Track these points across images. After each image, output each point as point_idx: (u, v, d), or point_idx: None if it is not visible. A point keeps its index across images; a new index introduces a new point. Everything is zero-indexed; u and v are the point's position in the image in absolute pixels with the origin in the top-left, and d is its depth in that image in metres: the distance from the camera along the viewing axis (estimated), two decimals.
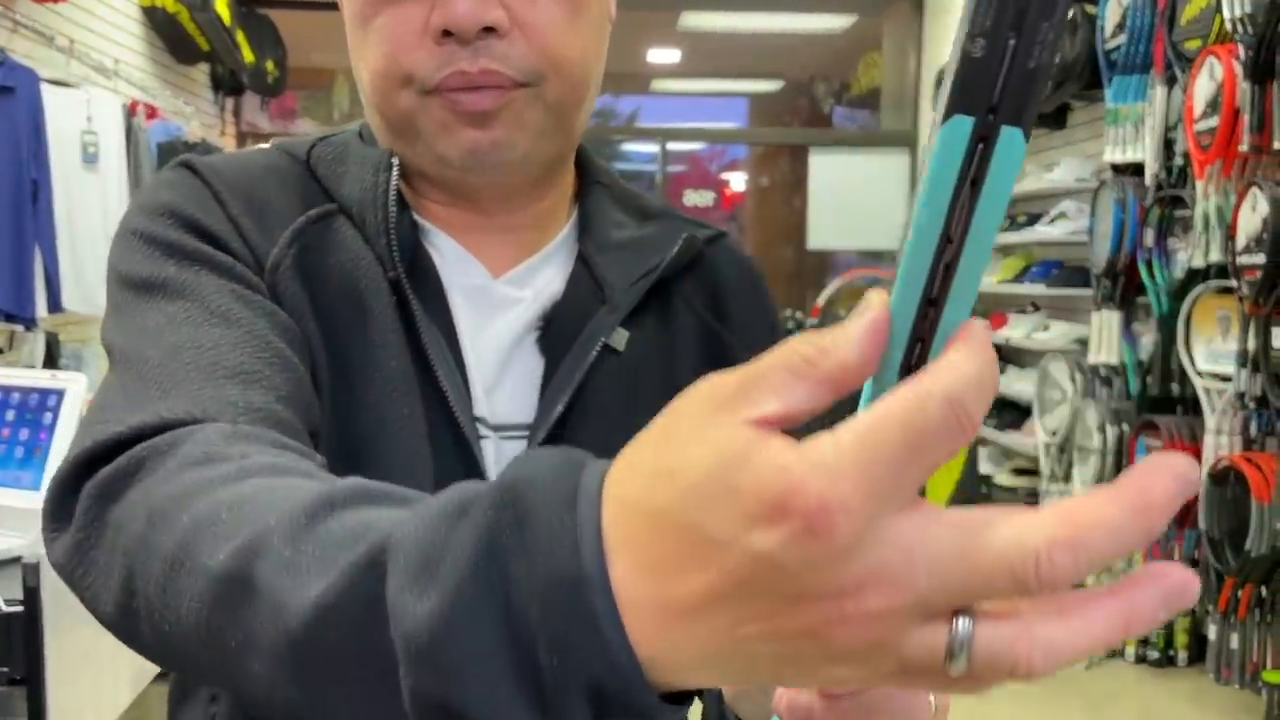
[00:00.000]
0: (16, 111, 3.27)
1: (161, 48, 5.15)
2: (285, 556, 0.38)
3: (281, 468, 0.47)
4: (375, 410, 0.64)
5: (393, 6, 0.63)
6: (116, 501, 0.48)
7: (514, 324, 0.69)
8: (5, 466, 1.56)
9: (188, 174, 0.67)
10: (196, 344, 0.57)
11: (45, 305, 3.39)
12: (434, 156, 0.66)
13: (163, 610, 0.43)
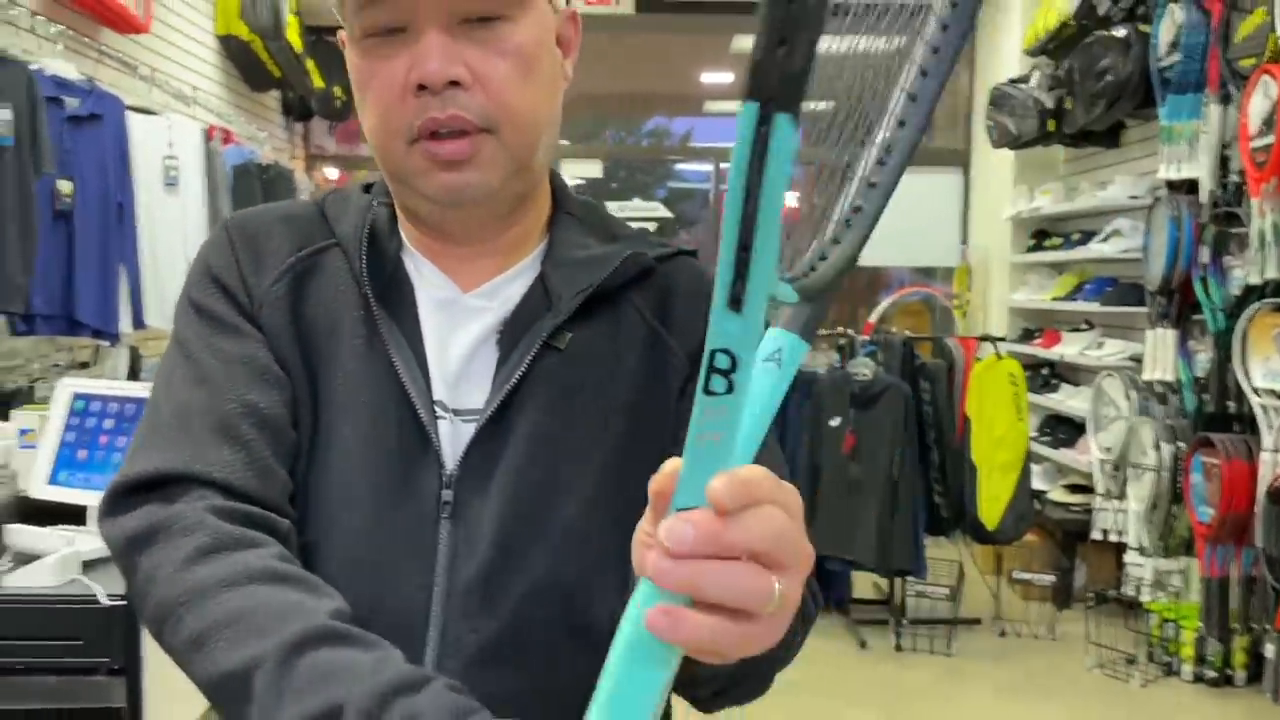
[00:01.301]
0: (104, 137, 3.45)
1: (236, 75, 5.37)
2: (272, 676, 0.63)
3: (276, 575, 0.69)
4: (339, 399, 0.80)
5: (381, 71, 0.77)
6: (143, 553, 0.72)
7: (479, 328, 0.83)
8: (103, 470, 1.68)
9: (222, 234, 0.86)
10: (198, 406, 0.77)
11: (129, 321, 3.56)
12: (420, 195, 0.81)
13: (182, 658, 0.69)
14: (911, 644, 3.99)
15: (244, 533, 0.72)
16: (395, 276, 0.83)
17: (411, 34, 0.76)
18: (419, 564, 0.78)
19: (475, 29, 0.77)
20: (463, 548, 0.78)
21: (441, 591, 0.78)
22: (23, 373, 3.33)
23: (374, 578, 0.77)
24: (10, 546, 1.58)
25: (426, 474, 0.79)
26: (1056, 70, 4.77)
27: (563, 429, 0.81)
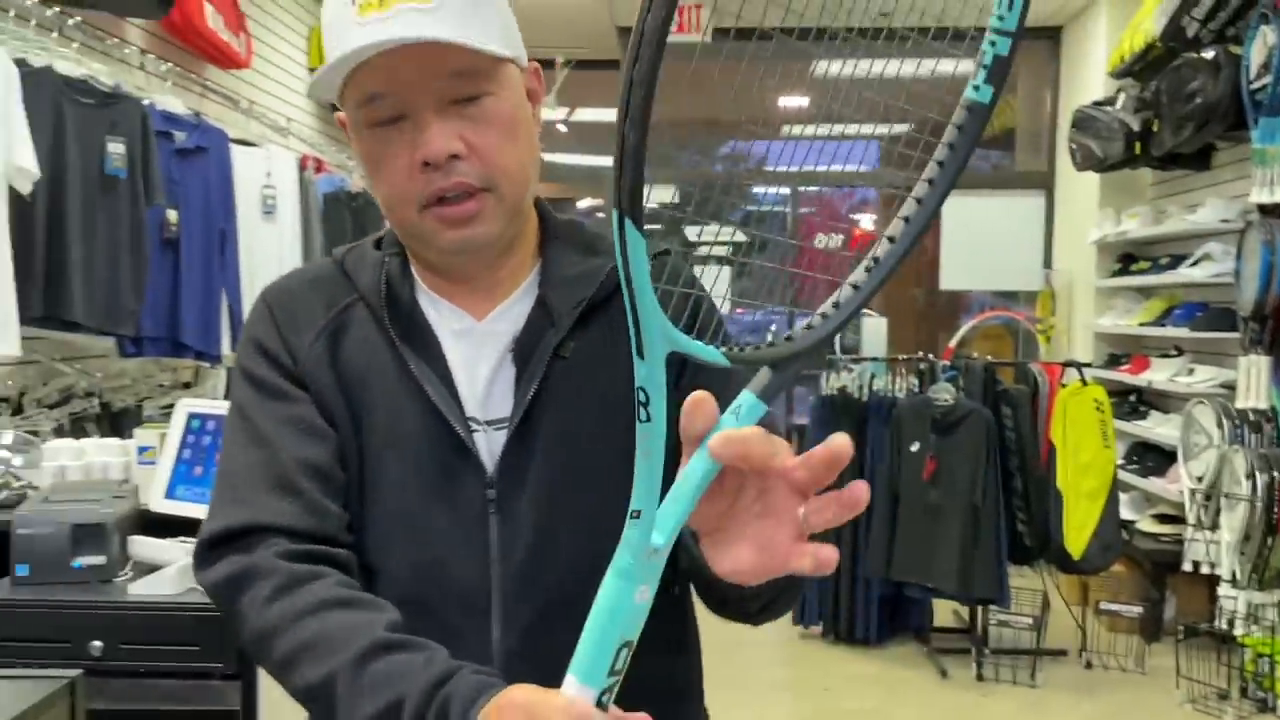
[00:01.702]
0: (208, 169, 3.62)
1: (326, 105, 5.56)
2: (349, 683, 0.80)
3: (341, 601, 0.85)
4: (383, 433, 0.93)
5: (389, 154, 0.90)
6: (242, 593, 0.88)
7: (496, 349, 0.96)
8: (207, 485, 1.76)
9: (261, 306, 1.00)
10: (258, 464, 0.92)
11: (228, 344, 3.71)
12: (435, 250, 0.94)
13: (278, 677, 0.86)
14: (994, 674, 3.93)
15: (309, 569, 0.88)
16: (413, 317, 0.96)
17: (410, 120, 0.89)
18: (476, 555, 0.92)
19: (464, 108, 0.89)
20: (510, 536, 0.92)
21: (498, 575, 0.92)
22: (130, 392, 3.49)
23: (440, 572, 0.92)
24: (133, 557, 1.68)
25: (471, 479, 0.92)
26: (1143, 92, 4.70)
27: (579, 426, 0.93)
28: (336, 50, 0.87)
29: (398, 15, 0.85)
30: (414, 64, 0.86)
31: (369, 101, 0.89)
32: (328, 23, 0.90)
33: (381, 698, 0.79)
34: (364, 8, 0.86)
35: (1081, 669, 4.04)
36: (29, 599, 1.59)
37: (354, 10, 0.86)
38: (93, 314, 2.97)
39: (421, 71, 0.87)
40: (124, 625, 1.55)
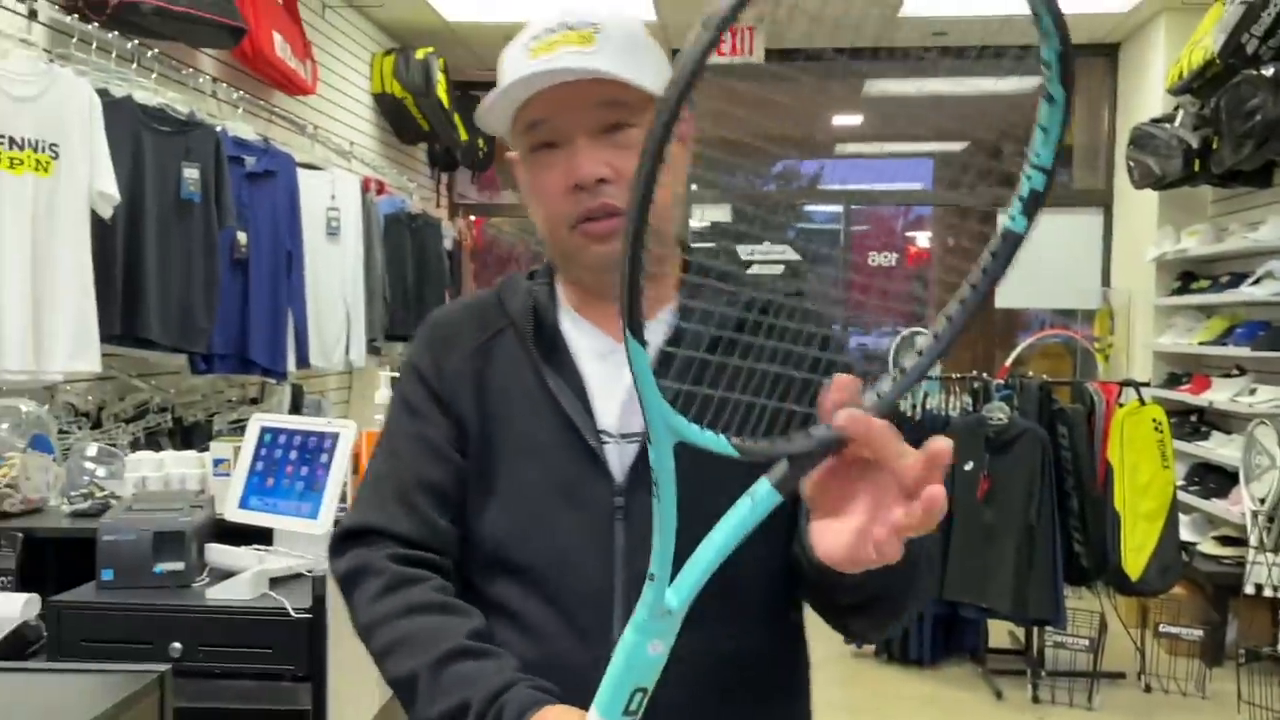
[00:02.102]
0: (277, 192, 3.75)
1: (388, 130, 5.71)
2: (428, 681, 0.93)
3: (432, 606, 0.98)
4: (520, 444, 1.04)
5: (545, 179, 1.02)
6: (356, 587, 1.03)
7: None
8: (288, 497, 1.84)
9: (424, 328, 1.13)
10: (388, 475, 1.07)
11: (294, 361, 3.83)
12: (580, 266, 1.05)
13: (378, 665, 0.99)
14: (1050, 696, 3.89)
15: (413, 573, 1.01)
16: (555, 340, 1.07)
17: (564, 147, 1.00)
18: (602, 557, 0.99)
19: (613, 135, 1.00)
20: (635, 542, 0.98)
21: (622, 579, 0.99)
22: (201, 407, 3.62)
23: (568, 571, 1.00)
24: (209, 563, 1.76)
25: (599, 486, 1.01)
26: (1202, 109, 4.65)
27: None
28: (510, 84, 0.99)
29: (559, 55, 0.98)
30: (570, 94, 0.98)
31: (531, 128, 1.01)
32: (504, 67, 1.03)
33: (452, 699, 0.91)
34: (535, 52, 0.99)
35: (1140, 692, 3.98)
36: (113, 602, 1.67)
37: (527, 55, 0.99)
38: (167, 332, 3.09)
39: (576, 101, 0.98)
40: (201, 628, 1.62)
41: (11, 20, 2.83)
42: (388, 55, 5.49)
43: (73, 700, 1.07)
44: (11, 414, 2.05)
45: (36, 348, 2.63)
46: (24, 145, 2.62)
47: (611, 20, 1.01)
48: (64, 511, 1.97)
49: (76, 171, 2.73)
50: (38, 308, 2.64)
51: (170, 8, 3.11)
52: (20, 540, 1.84)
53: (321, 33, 4.87)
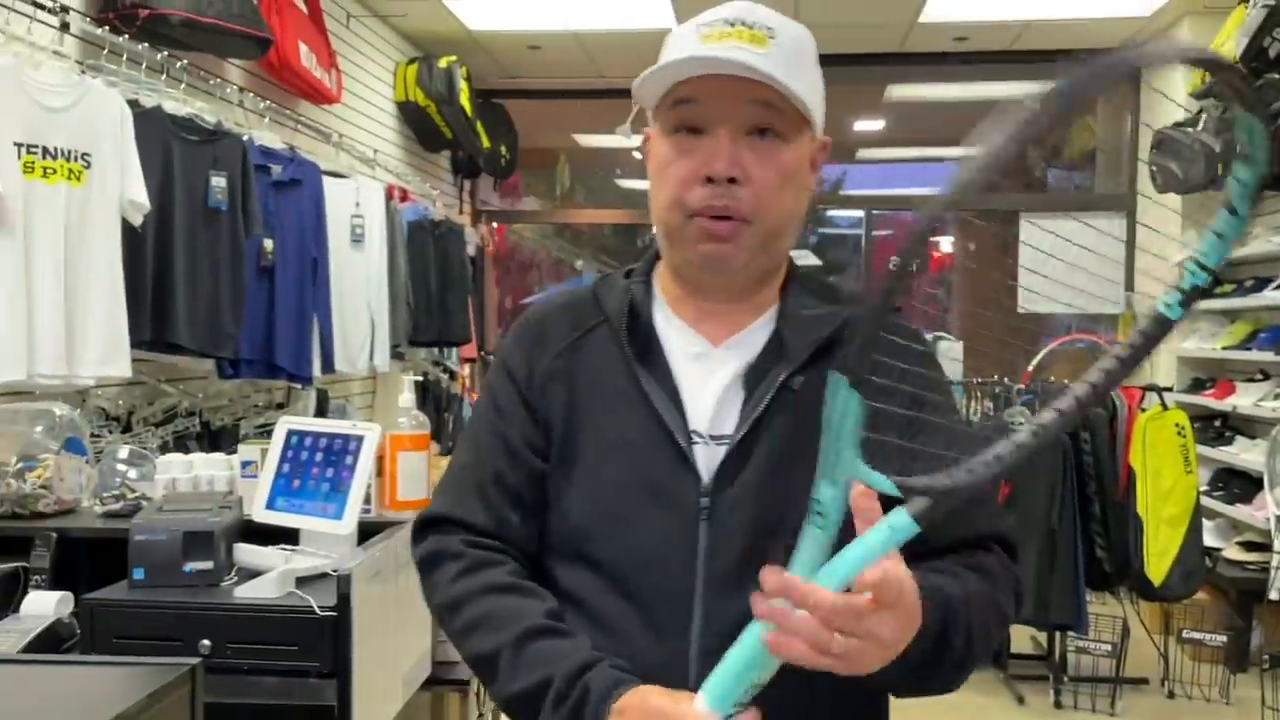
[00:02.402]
0: (302, 200, 3.80)
1: (412, 138, 5.77)
2: (510, 658, 0.98)
3: (511, 587, 1.03)
4: (611, 435, 1.05)
5: (680, 161, 1.03)
6: (435, 569, 1.08)
7: (728, 372, 1.06)
8: (314, 498, 1.88)
9: (519, 324, 1.16)
10: (469, 467, 1.12)
11: (319, 366, 3.88)
12: (686, 258, 1.06)
13: (456, 643, 1.05)
14: (1072, 701, 3.88)
15: (490, 556, 1.07)
16: (650, 338, 1.09)
17: (707, 136, 1.01)
18: (685, 556, 1.01)
19: (756, 140, 1.01)
20: (718, 542, 1.01)
21: (703, 577, 1.01)
22: (228, 412, 3.68)
23: (650, 567, 1.02)
24: (237, 563, 1.80)
25: (687, 486, 1.02)
26: (1225, 113, 4.63)
27: (796, 451, 1.00)
28: (671, 63, 1.01)
29: (733, 47, 0.99)
30: (728, 86, 0.99)
31: (679, 105, 1.02)
32: (671, 41, 1.05)
33: (534, 675, 0.96)
34: (706, 37, 1.00)
35: (1164, 698, 3.97)
36: (144, 600, 1.70)
37: (697, 36, 1.01)
38: (195, 337, 3.14)
39: (732, 93, 0.99)
40: (230, 625, 1.65)
41: (44, 33, 2.90)
42: (411, 64, 5.55)
43: (106, 692, 1.10)
44: (46, 417, 2.10)
45: (69, 353, 2.69)
46: (57, 155, 2.68)
47: (784, 29, 1.02)
48: (96, 512, 2.01)
49: (108, 180, 2.78)
50: (70, 314, 2.70)
51: (199, 19, 3.17)
52: (54, 540, 1.88)
53: (346, 42, 4.94)
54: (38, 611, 1.70)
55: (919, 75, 6.72)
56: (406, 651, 1.89)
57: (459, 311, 5.31)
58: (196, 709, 1.13)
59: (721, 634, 0.97)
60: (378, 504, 2.03)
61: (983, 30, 5.77)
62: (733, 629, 0.97)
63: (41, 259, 2.64)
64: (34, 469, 1.99)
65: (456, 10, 5.34)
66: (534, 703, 0.97)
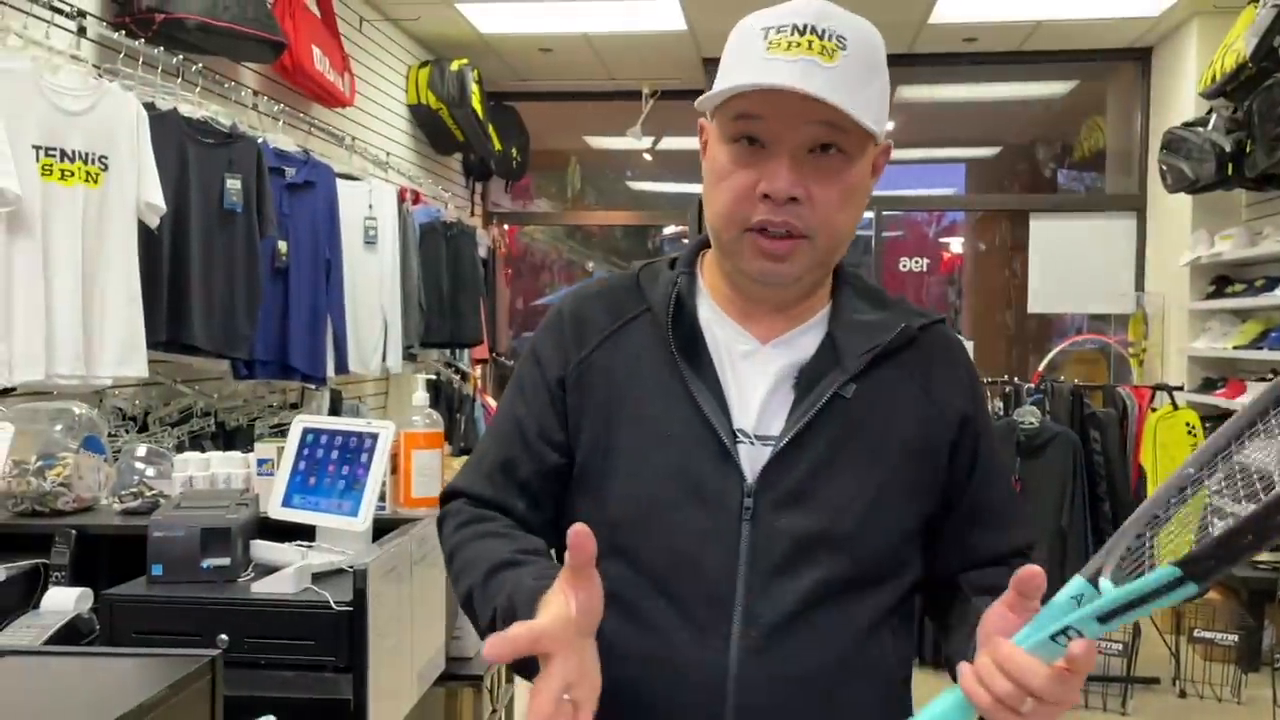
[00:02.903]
0: (316, 201, 3.83)
1: (424, 140, 5.80)
2: (480, 597, 1.00)
3: (490, 533, 1.06)
4: (650, 428, 1.03)
5: (738, 173, 0.99)
6: (442, 528, 1.14)
7: (777, 371, 1.04)
8: (330, 496, 1.90)
9: (557, 312, 1.14)
10: (489, 450, 1.13)
11: (333, 367, 3.91)
12: (740, 269, 1.04)
13: (454, 587, 1.08)
14: (1083, 700, 3.88)
15: (486, 513, 1.10)
16: (694, 331, 1.06)
17: (769, 150, 0.98)
18: (726, 555, 0.99)
19: (819, 158, 0.98)
20: (760, 543, 0.99)
21: (744, 577, 0.99)
22: (242, 412, 3.71)
23: (691, 565, 1.00)
24: (254, 559, 1.82)
25: (730, 484, 1.00)
26: (1235, 113, 4.63)
27: (844, 459, 1.01)
28: (739, 72, 0.97)
29: (799, 62, 0.94)
30: (796, 104, 0.94)
31: (743, 117, 0.98)
32: (733, 45, 1.00)
33: (491, 605, 0.98)
34: (773, 46, 0.95)
35: (1175, 697, 3.96)
36: (162, 595, 1.72)
37: (763, 45, 0.96)
38: (211, 338, 3.17)
39: (799, 113, 0.95)
40: (247, 620, 1.67)
41: (62, 37, 2.94)
42: (423, 67, 5.59)
43: (128, 682, 1.13)
44: (65, 416, 2.13)
45: (86, 353, 2.72)
46: (74, 158, 2.72)
47: (855, 39, 0.96)
48: (115, 510, 2.04)
49: (125, 183, 2.82)
50: (88, 314, 2.73)
51: (214, 23, 3.21)
52: (73, 537, 1.91)
53: (359, 46, 4.97)
54: (58, 607, 1.72)
55: (929, 76, 6.72)
56: (421, 647, 1.90)
57: (471, 313, 5.33)
58: (217, 699, 1.15)
59: (761, 635, 0.98)
60: (392, 502, 2.05)
61: (992, 31, 5.77)
62: (772, 630, 0.98)
63: (59, 260, 2.67)
64: (53, 467, 2.01)
65: (468, 14, 5.37)
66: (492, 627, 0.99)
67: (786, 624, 0.98)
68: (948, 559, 1.09)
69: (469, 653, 2.08)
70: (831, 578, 0.99)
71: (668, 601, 1.00)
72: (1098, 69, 6.50)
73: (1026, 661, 0.79)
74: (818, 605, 0.98)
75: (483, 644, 1.93)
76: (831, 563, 0.99)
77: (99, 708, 0.99)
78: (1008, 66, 6.41)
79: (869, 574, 1.01)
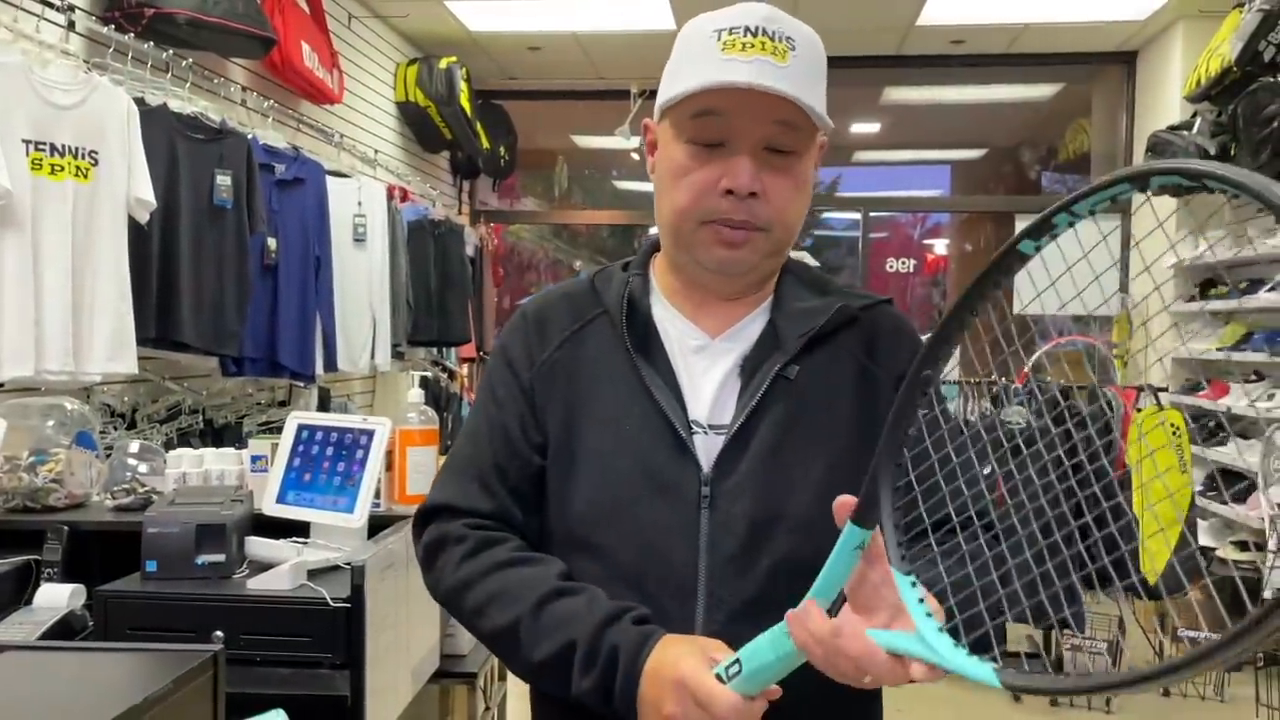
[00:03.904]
0: (305, 198, 3.82)
1: (411, 138, 5.79)
2: (530, 627, 0.99)
3: (518, 560, 1.05)
4: (612, 425, 1.07)
5: (698, 171, 1.04)
6: (438, 556, 1.10)
7: (727, 363, 1.09)
8: (326, 492, 1.89)
9: (519, 317, 1.16)
10: (469, 458, 1.12)
11: (321, 364, 3.89)
12: (697, 261, 1.08)
13: (469, 624, 1.07)
14: (1068, 699, 3.91)
15: (495, 535, 1.08)
16: (648, 329, 1.10)
17: (728, 149, 1.02)
18: (688, 544, 1.03)
19: (773, 156, 1.03)
20: (719, 529, 1.02)
21: (705, 564, 1.03)
22: (231, 409, 3.69)
23: (655, 555, 1.03)
24: (249, 556, 1.81)
25: (688, 475, 1.04)
26: (1220, 117, 4.67)
27: (793, 439, 1.04)
28: (696, 73, 1.01)
29: (754, 62, 0.99)
30: (755, 103, 0.99)
31: (702, 115, 1.02)
32: (685, 48, 1.05)
33: (557, 639, 0.98)
34: (728, 47, 1.00)
35: (1159, 696, 4.00)
36: (157, 591, 1.71)
37: (717, 46, 1.00)
38: (200, 335, 3.16)
39: (758, 112, 1.00)
40: (243, 617, 1.67)
41: (52, 31, 2.91)
42: (412, 65, 5.57)
43: (129, 677, 1.12)
44: (57, 412, 2.12)
45: (75, 349, 2.70)
46: (64, 152, 2.70)
47: (802, 41, 1.02)
48: (107, 506, 2.03)
49: (115, 178, 2.80)
50: (77, 310, 2.71)
51: (204, 19, 3.19)
52: (65, 533, 1.90)
53: (347, 43, 4.96)
54: (50, 604, 1.71)
55: (916, 78, 6.75)
56: (416, 644, 1.90)
57: (458, 312, 5.32)
58: (219, 694, 1.15)
59: (724, 619, 1.01)
60: (386, 498, 2.05)
61: (980, 33, 5.80)
62: (735, 614, 1.01)
63: (49, 255, 2.65)
64: (45, 463, 2.00)
65: (457, 11, 5.36)
66: (562, 667, 0.98)
67: (748, 608, 1.01)
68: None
69: (463, 650, 2.08)
70: (790, 559, 1.01)
71: (633, 592, 1.02)
72: (1084, 72, 6.55)
73: (817, 616, 0.82)
74: (778, 587, 1.00)
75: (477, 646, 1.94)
76: (789, 544, 1.02)
77: (102, 702, 0.99)
78: (994, 69, 6.45)
79: (826, 552, 1.02)
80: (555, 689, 1.00)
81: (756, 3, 1.05)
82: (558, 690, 0.99)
